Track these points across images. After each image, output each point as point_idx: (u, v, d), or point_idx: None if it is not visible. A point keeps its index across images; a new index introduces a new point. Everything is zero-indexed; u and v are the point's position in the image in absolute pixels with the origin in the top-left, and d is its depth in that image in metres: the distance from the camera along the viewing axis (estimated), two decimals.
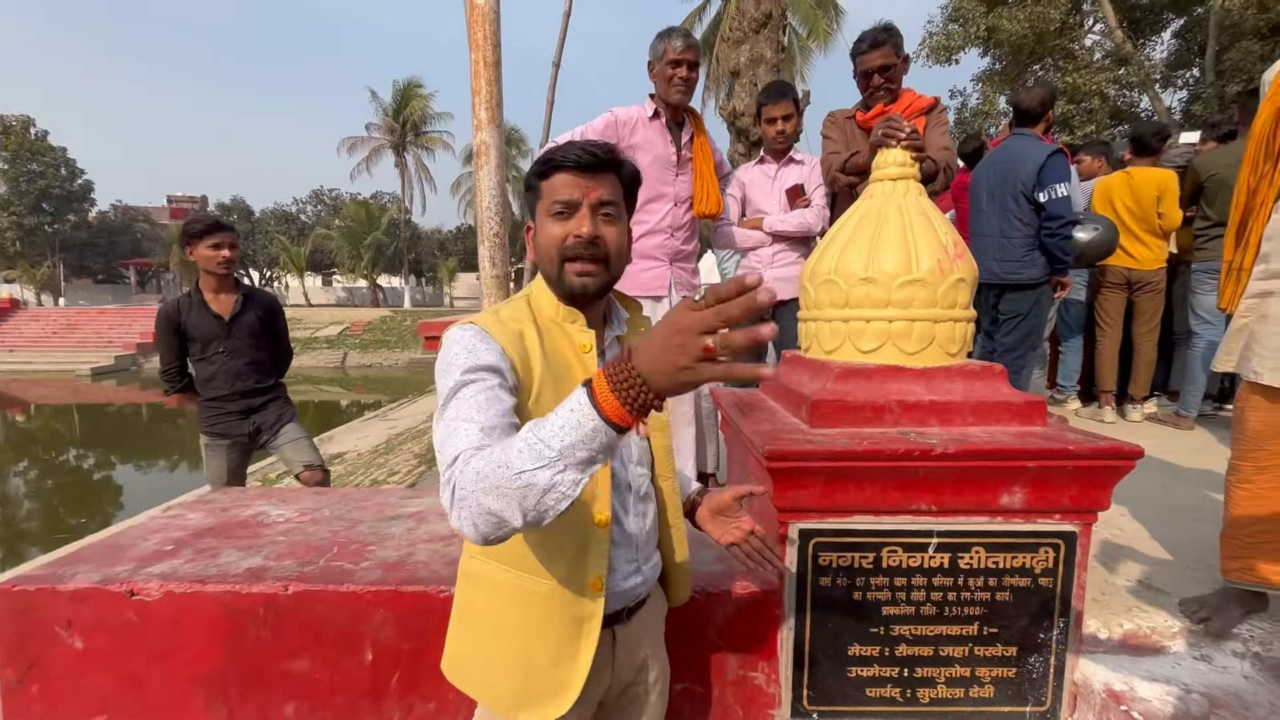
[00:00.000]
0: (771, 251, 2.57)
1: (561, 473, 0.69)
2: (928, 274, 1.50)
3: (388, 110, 31.21)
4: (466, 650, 1.05)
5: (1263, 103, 1.46)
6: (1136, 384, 3.85)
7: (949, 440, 1.35)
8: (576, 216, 0.94)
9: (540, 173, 0.96)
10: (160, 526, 1.76)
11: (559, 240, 0.95)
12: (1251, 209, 1.47)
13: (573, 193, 0.94)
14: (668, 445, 1.13)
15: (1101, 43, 13.86)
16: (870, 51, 2.17)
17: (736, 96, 7.92)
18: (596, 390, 0.68)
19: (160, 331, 2.74)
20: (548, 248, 0.96)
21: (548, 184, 0.96)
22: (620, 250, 0.98)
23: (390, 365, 21.16)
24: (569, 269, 0.95)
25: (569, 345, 1.00)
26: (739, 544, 1.15)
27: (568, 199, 0.94)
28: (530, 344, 0.95)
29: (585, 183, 0.94)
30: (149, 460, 10.36)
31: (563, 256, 0.95)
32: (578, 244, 0.94)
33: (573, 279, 0.95)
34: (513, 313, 0.98)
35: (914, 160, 1.65)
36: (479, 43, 2.25)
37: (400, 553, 1.59)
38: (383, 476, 4.42)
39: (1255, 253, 1.47)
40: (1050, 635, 1.43)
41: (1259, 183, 1.45)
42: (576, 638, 0.97)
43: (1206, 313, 3.53)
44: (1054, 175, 2.83)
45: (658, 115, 2.31)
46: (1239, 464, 1.54)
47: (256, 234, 34.37)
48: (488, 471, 0.71)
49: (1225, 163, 3.37)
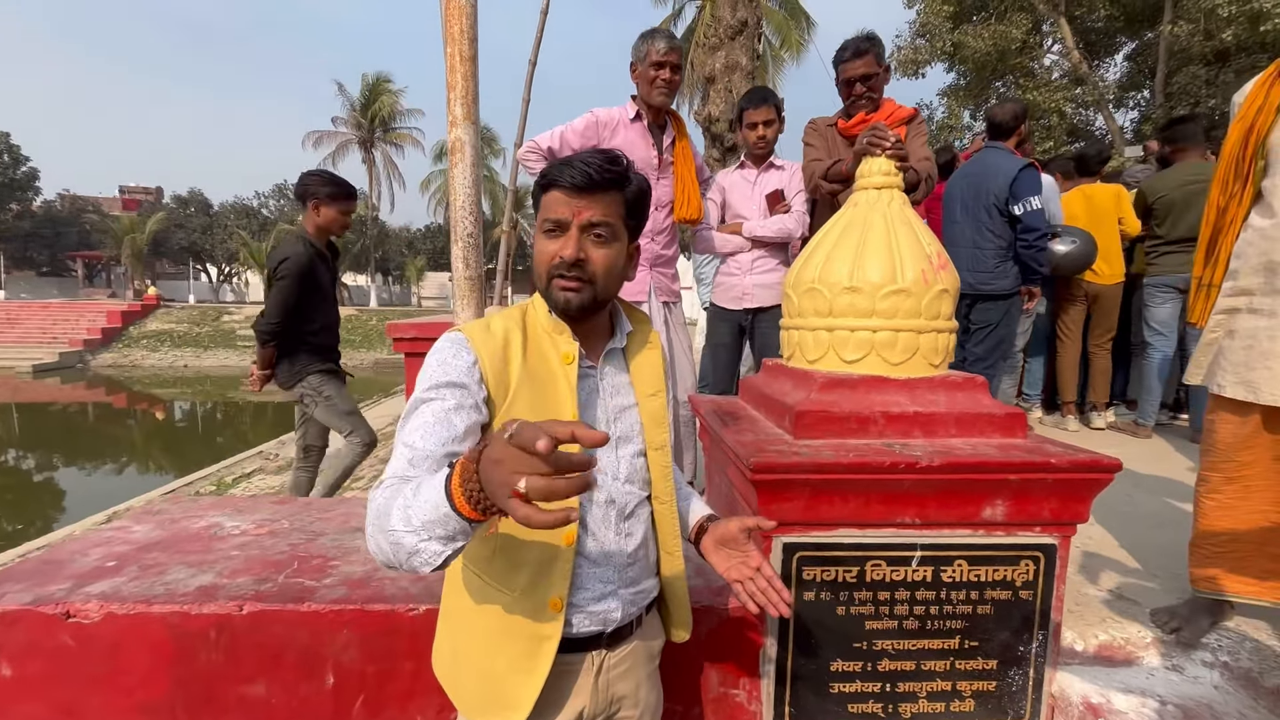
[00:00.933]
0: (751, 257, 2.56)
1: (425, 541, 0.72)
2: (912, 284, 1.49)
3: (355, 105, 30.50)
4: (446, 649, 1.06)
5: (1232, 124, 1.50)
6: (1095, 392, 3.97)
7: (933, 453, 1.34)
8: (564, 237, 0.94)
9: (541, 187, 0.97)
10: (103, 540, 1.64)
11: (548, 257, 0.95)
12: (1221, 227, 1.51)
13: (563, 212, 0.93)
14: (667, 466, 1.08)
15: (1059, 62, 14.40)
16: (853, 60, 2.18)
17: (712, 102, 7.94)
18: (453, 479, 0.70)
19: (295, 280, 2.91)
20: (538, 263, 0.97)
21: (544, 199, 0.96)
22: (611, 270, 0.97)
23: (356, 365, 20.61)
24: (555, 285, 0.95)
25: (554, 354, 0.99)
26: (743, 582, 1.07)
27: (557, 218, 0.94)
28: (513, 352, 0.96)
29: (576, 203, 0.93)
30: (93, 462, 9.86)
31: (550, 274, 0.95)
32: (562, 264, 0.94)
33: (557, 294, 0.96)
34: (504, 321, 0.99)
35: (898, 170, 1.64)
36: (455, 36, 2.18)
37: (366, 568, 1.51)
38: (346, 483, 4.27)
39: (1224, 269, 1.50)
40: (1030, 648, 1.43)
41: (1228, 202, 1.49)
42: (534, 654, 0.95)
43: (1159, 324, 3.66)
44: (1026, 188, 2.89)
45: (640, 117, 2.27)
46: (1208, 475, 1.57)
47: (215, 228, 33.12)
48: (377, 514, 0.78)
49: (1171, 185, 3.54)
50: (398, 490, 0.78)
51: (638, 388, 1.07)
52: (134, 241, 29.64)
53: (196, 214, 33.64)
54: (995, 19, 13.41)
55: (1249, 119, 1.47)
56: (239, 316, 23.93)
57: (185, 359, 21.13)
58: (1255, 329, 1.45)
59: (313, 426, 3.22)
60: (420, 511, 0.72)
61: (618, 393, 1.05)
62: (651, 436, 1.06)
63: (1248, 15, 10.75)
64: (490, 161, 30.44)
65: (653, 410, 1.07)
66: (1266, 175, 1.46)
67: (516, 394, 0.94)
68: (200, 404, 15.83)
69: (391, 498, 0.77)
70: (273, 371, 3.05)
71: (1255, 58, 11.52)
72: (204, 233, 33.02)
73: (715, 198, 2.66)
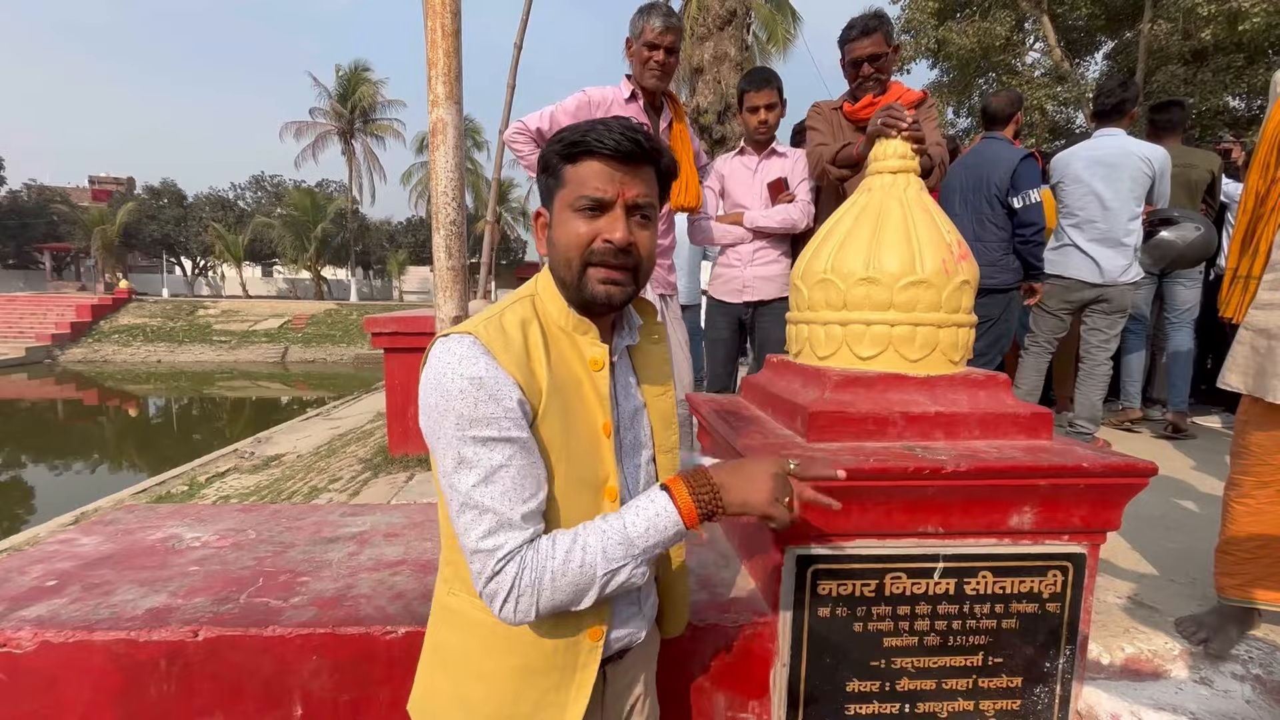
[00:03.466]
0: (751, 249, 2.43)
1: (638, 568, 0.80)
2: (932, 275, 1.38)
3: (333, 95, 29.84)
4: (442, 691, 0.91)
5: (1273, 107, 1.41)
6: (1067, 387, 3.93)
7: (959, 457, 1.24)
8: (609, 216, 0.80)
9: (567, 155, 0.80)
10: (44, 556, 1.48)
11: (585, 241, 0.80)
12: (1261, 215, 1.42)
13: (607, 188, 0.79)
14: (676, 470, 0.99)
15: (1042, 60, 14.47)
16: (861, 39, 2.06)
17: (700, 93, 7.83)
18: (678, 498, 0.80)
19: None
20: (568, 248, 0.81)
21: (574, 171, 0.80)
22: (651, 258, 0.85)
23: (335, 360, 20.26)
24: (592, 275, 0.81)
25: (577, 358, 0.85)
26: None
27: (600, 196, 0.79)
28: (536, 359, 0.80)
29: (622, 176, 0.79)
30: (61, 461, 9.50)
31: (586, 261, 0.80)
32: (607, 250, 0.79)
33: (596, 287, 0.81)
34: (516, 316, 0.83)
35: (914, 153, 1.54)
36: (436, 9, 2.03)
37: (339, 584, 1.38)
38: (323, 483, 4.09)
39: (1265, 260, 1.41)
40: (1056, 663, 1.34)
41: (1270, 187, 1.39)
42: (565, 686, 0.85)
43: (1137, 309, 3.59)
44: (1027, 180, 2.82)
45: (635, 97, 2.13)
46: (1240, 479, 1.49)
47: (189, 220, 32.23)
48: (566, 571, 0.77)
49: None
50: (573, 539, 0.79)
51: (645, 387, 0.97)
52: (104, 233, 28.74)
53: (170, 205, 32.70)
54: (979, 16, 13.44)
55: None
56: (214, 310, 23.37)
57: (159, 354, 20.56)
58: None
59: None
60: (642, 538, 0.79)
61: (629, 395, 0.94)
62: (661, 439, 0.97)
63: (1226, 15, 10.87)
64: (474, 154, 30.04)
65: (663, 411, 0.98)
66: None
67: (547, 407, 0.80)
68: (174, 400, 15.40)
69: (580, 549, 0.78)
70: None
71: (1232, 57, 11.66)
72: (178, 225, 32.13)
73: (714, 185, 2.53)
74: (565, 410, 0.81)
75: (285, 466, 5.34)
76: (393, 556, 1.53)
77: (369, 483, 3.73)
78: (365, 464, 4.20)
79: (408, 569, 1.46)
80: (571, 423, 0.82)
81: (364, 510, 1.86)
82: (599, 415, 0.85)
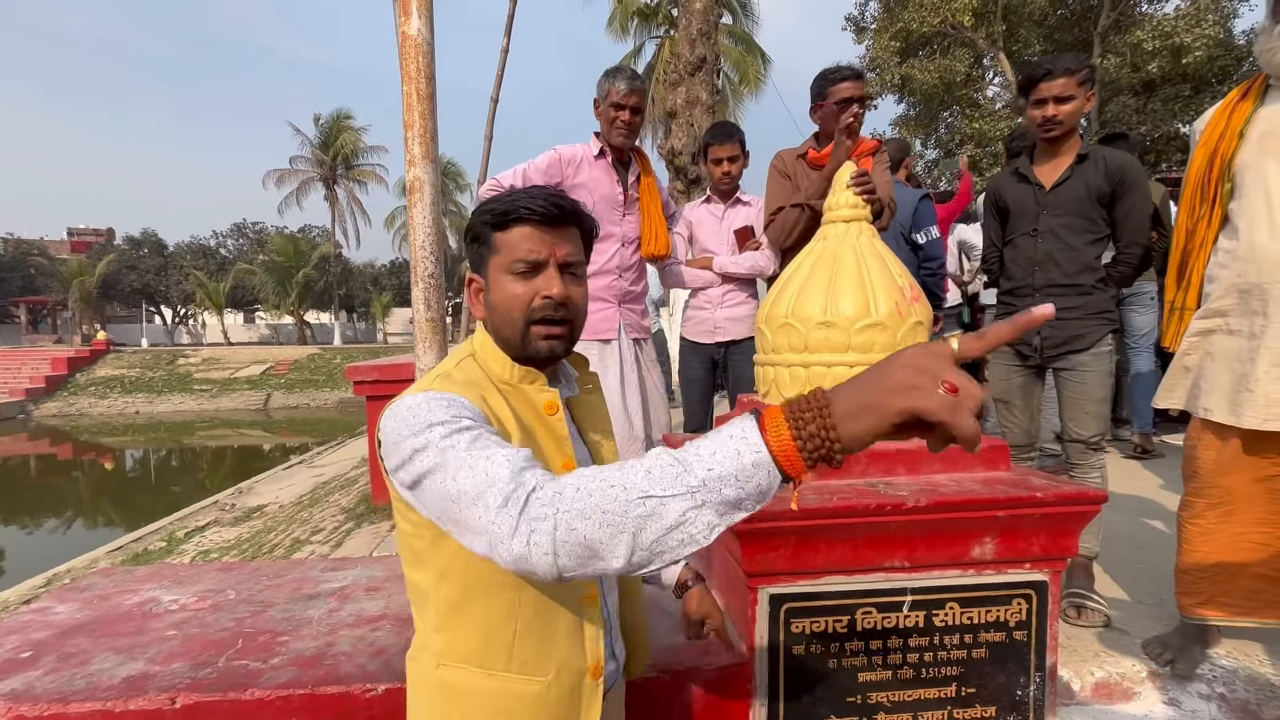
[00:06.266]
0: (721, 292, 2.53)
1: (698, 509, 0.56)
2: (886, 317, 1.46)
3: (314, 143, 30.23)
4: None
5: (1195, 149, 1.53)
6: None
7: (919, 492, 1.29)
8: (544, 275, 0.85)
9: (496, 224, 0.86)
10: (18, 626, 1.47)
11: (524, 301, 0.85)
12: (1191, 250, 1.52)
13: (539, 250, 0.85)
14: None
15: (1001, 94, 15.14)
16: (847, 82, 2.15)
17: (674, 136, 8.08)
18: (767, 419, 0.56)
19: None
20: (509, 309, 0.86)
21: (505, 237, 0.86)
22: (583, 313, 0.91)
23: (319, 405, 20.02)
24: (535, 332, 0.86)
25: (528, 407, 0.88)
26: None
27: (534, 258, 0.85)
28: (496, 404, 0.84)
29: (550, 238, 0.85)
30: (33, 519, 9.23)
31: (529, 319, 0.85)
32: (546, 305, 0.84)
33: (539, 344, 0.86)
34: (466, 374, 0.86)
35: (865, 202, 1.63)
36: (411, 75, 2.13)
37: (319, 643, 1.38)
38: (305, 535, 4.04)
39: (1196, 292, 1.51)
40: (1028, 691, 1.37)
41: (1196, 224, 1.51)
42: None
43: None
44: (925, 218, 2.97)
45: (604, 154, 2.24)
46: (1192, 500, 1.55)
47: (170, 269, 32.11)
48: (591, 490, 0.59)
49: None
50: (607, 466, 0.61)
51: (589, 435, 1.00)
52: (83, 284, 28.52)
53: (150, 255, 32.60)
54: (940, 53, 14.09)
55: (1212, 144, 1.50)
56: (195, 359, 23.10)
57: (137, 405, 20.19)
58: (1234, 350, 1.45)
59: None
60: (702, 462, 0.55)
61: (575, 444, 0.97)
62: None
63: (1170, 49, 11.53)
64: (456, 195, 30.43)
65: (607, 457, 1.01)
66: (1233, 198, 1.48)
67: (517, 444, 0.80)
68: (152, 452, 15.09)
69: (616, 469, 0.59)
70: None
71: (1179, 87, 12.32)
72: (158, 274, 31.97)
73: (682, 232, 2.64)
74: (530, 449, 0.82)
75: (267, 518, 5.25)
76: (374, 611, 1.54)
77: (351, 533, 3.70)
78: (348, 513, 4.16)
79: (388, 623, 1.47)
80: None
81: (345, 564, 1.86)
82: (558, 456, 0.88)
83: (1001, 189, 2.09)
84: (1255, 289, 1.40)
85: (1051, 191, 1.92)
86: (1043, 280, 1.93)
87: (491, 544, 0.63)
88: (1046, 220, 1.93)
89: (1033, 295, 1.95)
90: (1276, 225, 1.38)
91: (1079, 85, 1.83)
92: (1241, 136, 1.44)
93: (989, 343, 0.53)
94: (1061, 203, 1.90)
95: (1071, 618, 1.75)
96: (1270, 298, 1.38)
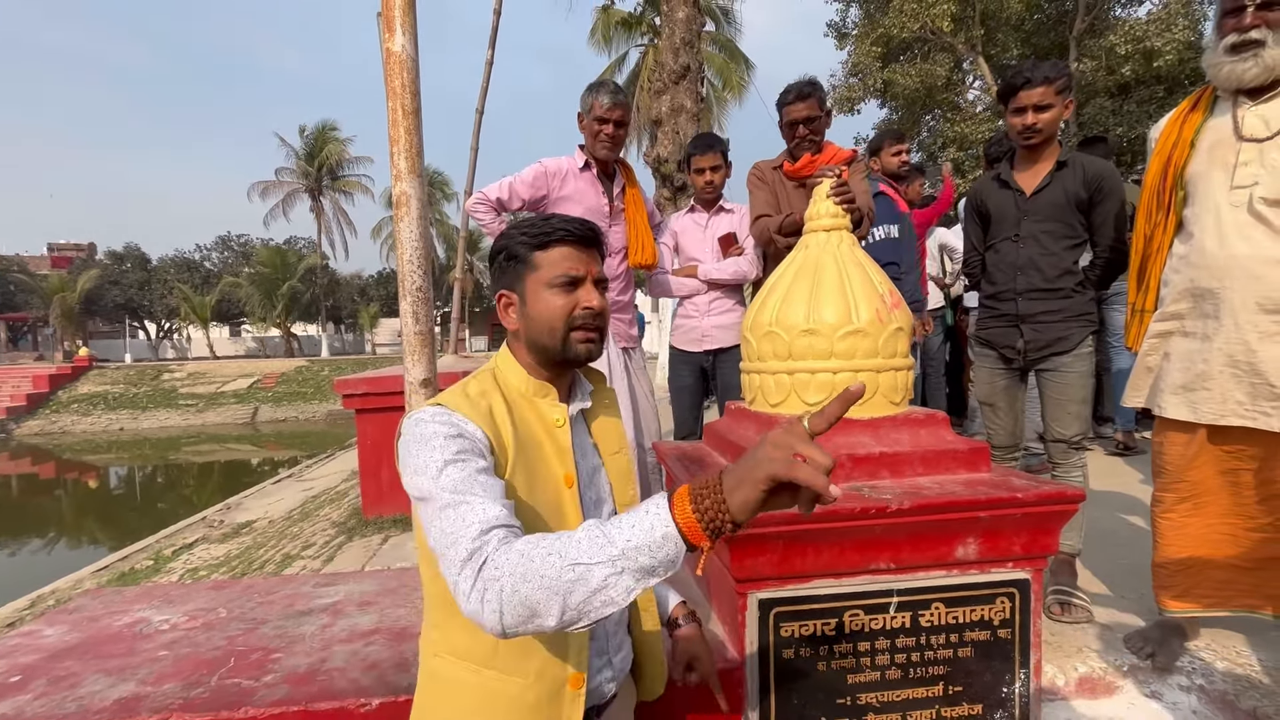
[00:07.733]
0: (708, 299, 2.56)
1: (618, 575, 0.66)
2: (868, 324, 1.49)
3: (299, 154, 30.07)
4: None
5: (1151, 157, 1.58)
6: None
7: (903, 495, 1.32)
8: (584, 289, 0.97)
9: (537, 244, 0.97)
10: (7, 650, 1.46)
11: (565, 311, 0.95)
12: (1149, 255, 1.58)
13: (578, 267, 0.96)
14: None
15: (982, 97, 15.38)
16: (796, 102, 2.23)
17: (660, 144, 8.13)
18: (675, 499, 0.67)
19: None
20: (550, 319, 0.96)
21: (546, 256, 0.97)
22: (609, 319, 1.04)
23: (307, 418, 19.84)
24: (575, 337, 0.96)
25: (538, 420, 0.97)
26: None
27: (574, 274, 0.96)
28: (500, 419, 0.92)
29: (587, 258, 0.98)
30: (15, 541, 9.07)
31: (570, 326, 0.96)
32: (587, 314, 0.96)
33: (579, 347, 0.96)
34: (480, 387, 0.96)
35: (845, 211, 1.67)
36: (396, 90, 2.14)
37: (312, 659, 1.39)
38: (296, 550, 4.00)
39: (1155, 295, 1.56)
40: (1013, 688, 1.40)
41: (1153, 230, 1.56)
42: None
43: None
44: (881, 216, 2.96)
45: (589, 166, 2.27)
46: (1162, 496, 1.60)
47: (153, 283, 31.74)
48: (534, 556, 0.69)
49: None
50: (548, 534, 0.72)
51: (602, 447, 1.07)
52: (64, 300, 28.12)
53: (133, 269, 32.21)
54: (921, 58, 14.30)
55: (1165, 153, 1.55)
56: (180, 374, 22.83)
57: (121, 421, 19.91)
58: (1190, 351, 1.50)
59: None
60: (622, 534, 0.66)
61: (586, 454, 1.04)
62: (620, 494, 1.07)
63: (1142, 53, 11.78)
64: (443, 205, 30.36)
65: (620, 468, 1.08)
66: (1187, 205, 1.54)
67: (515, 464, 0.90)
68: (138, 469, 14.87)
69: (555, 538, 0.70)
70: None
71: (1153, 89, 12.57)
72: (141, 289, 31.58)
73: (668, 241, 2.67)
74: (530, 468, 0.92)
75: (256, 534, 5.20)
76: (366, 626, 1.54)
77: (343, 548, 3.68)
78: (339, 527, 4.13)
79: (381, 638, 1.48)
80: (535, 478, 0.92)
81: (337, 579, 1.86)
82: (559, 468, 0.95)
83: (983, 194, 2.13)
84: (1207, 293, 1.46)
85: (1032, 198, 1.96)
86: (1024, 285, 1.98)
87: (454, 593, 0.74)
88: (1028, 226, 1.97)
89: (1015, 299, 2.00)
90: (1225, 233, 1.44)
91: (1057, 94, 1.88)
92: (1193, 146, 1.49)
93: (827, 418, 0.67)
94: (1042, 208, 1.95)
95: (1056, 614, 1.78)
96: (1221, 301, 1.44)
